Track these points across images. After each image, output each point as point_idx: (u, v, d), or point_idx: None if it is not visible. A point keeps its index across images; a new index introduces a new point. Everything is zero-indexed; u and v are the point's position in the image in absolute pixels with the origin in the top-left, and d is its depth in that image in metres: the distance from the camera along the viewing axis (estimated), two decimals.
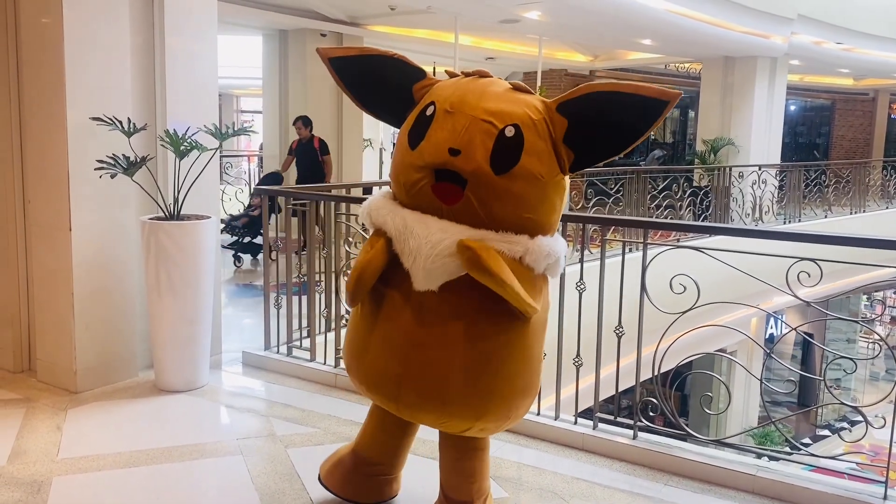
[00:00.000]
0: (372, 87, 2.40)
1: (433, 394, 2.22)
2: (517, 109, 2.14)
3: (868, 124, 22.00)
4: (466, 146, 2.09)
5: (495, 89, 2.20)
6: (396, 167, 2.28)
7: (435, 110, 2.17)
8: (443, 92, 2.24)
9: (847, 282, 9.89)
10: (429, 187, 2.14)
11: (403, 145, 2.24)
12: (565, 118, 2.15)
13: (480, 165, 2.08)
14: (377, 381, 2.32)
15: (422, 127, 2.19)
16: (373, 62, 2.39)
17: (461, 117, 2.13)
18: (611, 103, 2.12)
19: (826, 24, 12.11)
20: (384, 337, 2.28)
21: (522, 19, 9.60)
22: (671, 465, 3.19)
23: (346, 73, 2.41)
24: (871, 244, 3.09)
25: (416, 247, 2.14)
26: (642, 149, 20.06)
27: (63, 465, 3.14)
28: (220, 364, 4.48)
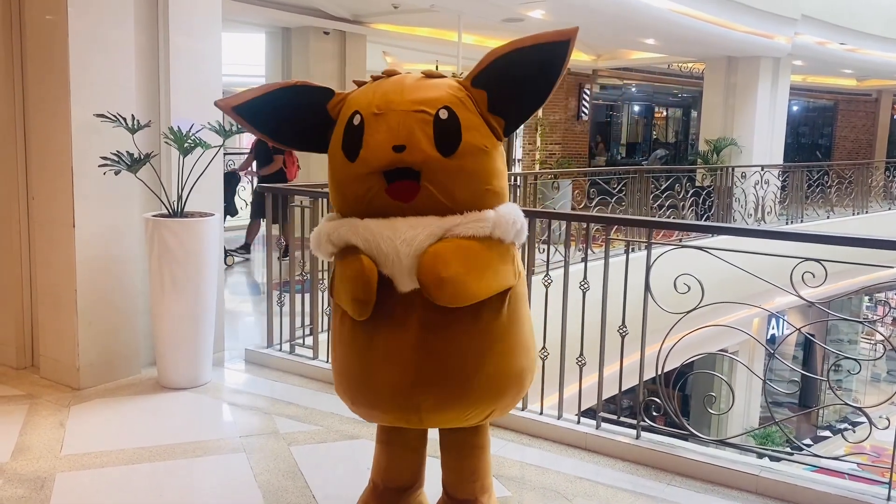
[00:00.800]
0: (286, 121, 2.31)
1: (454, 391, 2.20)
2: (441, 93, 2.17)
3: (871, 125, 21.98)
4: (408, 139, 2.09)
5: (411, 81, 2.22)
6: (339, 183, 2.21)
7: (362, 117, 2.15)
8: (362, 99, 2.20)
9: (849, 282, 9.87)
10: (382, 192, 2.12)
11: (340, 160, 2.18)
12: (483, 90, 2.20)
13: (428, 153, 2.09)
14: (392, 398, 2.21)
15: (354, 136, 2.15)
16: (277, 96, 2.30)
17: (392, 115, 2.12)
18: (517, 62, 2.17)
19: (830, 25, 12.10)
20: (386, 352, 2.19)
21: (526, 18, 9.60)
22: (674, 465, 3.19)
23: (256, 116, 2.29)
24: (874, 245, 3.09)
25: (392, 249, 2.11)
26: (645, 149, 20.08)
27: (66, 461, 3.14)
28: (223, 361, 4.48)
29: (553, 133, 16.00)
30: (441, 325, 2.17)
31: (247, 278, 7.82)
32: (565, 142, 16.38)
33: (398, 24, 10.84)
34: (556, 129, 16.10)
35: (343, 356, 2.32)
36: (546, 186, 9.35)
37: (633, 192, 9.01)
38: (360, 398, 2.30)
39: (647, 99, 20.40)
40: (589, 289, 3.49)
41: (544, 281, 3.56)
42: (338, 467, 3.22)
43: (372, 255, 2.13)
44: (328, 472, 3.16)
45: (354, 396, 2.32)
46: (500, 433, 3.52)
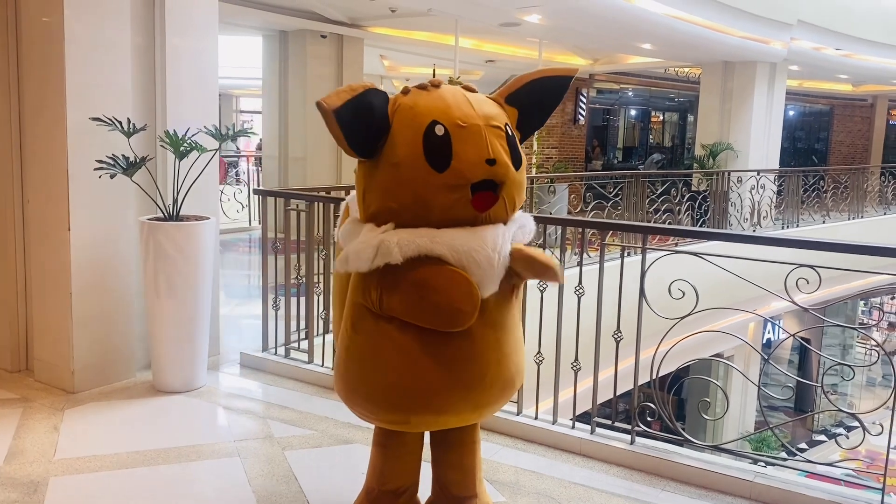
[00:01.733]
0: (362, 126, 2.21)
1: (508, 384, 2.38)
2: (499, 111, 2.31)
3: (866, 130, 22.06)
4: (497, 153, 2.18)
5: (473, 96, 2.30)
6: (420, 194, 2.16)
7: (446, 128, 2.16)
8: (434, 107, 2.19)
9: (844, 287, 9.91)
10: (467, 202, 2.18)
11: (424, 170, 2.14)
12: (514, 108, 2.36)
13: (510, 166, 2.22)
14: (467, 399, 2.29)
15: (439, 147, 2.15)
16: (361, 100, 2.17)
17: (475, 128, 2.18)
18: (543, 87, 2.40)
19: (825, 30, 12.14)
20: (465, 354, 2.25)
21: (523, 23, 9.61)
22: (669, 471, 3.19)
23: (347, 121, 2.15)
24: (869, 251, 3.09)
25: (486, 258, 2.18)
26: (641, 153, 20.12)
27: (60, 465, 3.14)
28: (218, 365, 4.47)
29: (550, 137, 16.03)
30: (503, 324, 2.34)
31: (242, 281, 7.81)
32: (562, 146, 16.41)
33: (395, 28, 10.84)
34: (553, 133, 16.13)
35: (405, 368, 2.25)
36: (543, 190, 9.37)
37: (629, 197, 9.02)
38: (426, 408, 2.29)
39: (643, 103, 20.46)
40: (584, 293, 3.49)
41: (540, 286, 3.56)
42: (332, 472, 3.22)
43: (459, 265, 2.18)
44: (323, 476, 3.15)
45: (415, 407, 2.29)
46: (494, 438, 3.52)
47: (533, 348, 3.57)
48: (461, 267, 2.18)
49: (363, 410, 2.37)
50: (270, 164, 10.71)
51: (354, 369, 2.33)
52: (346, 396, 2.40)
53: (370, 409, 2.34)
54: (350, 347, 2.33)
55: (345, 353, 2.35)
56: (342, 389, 2.40)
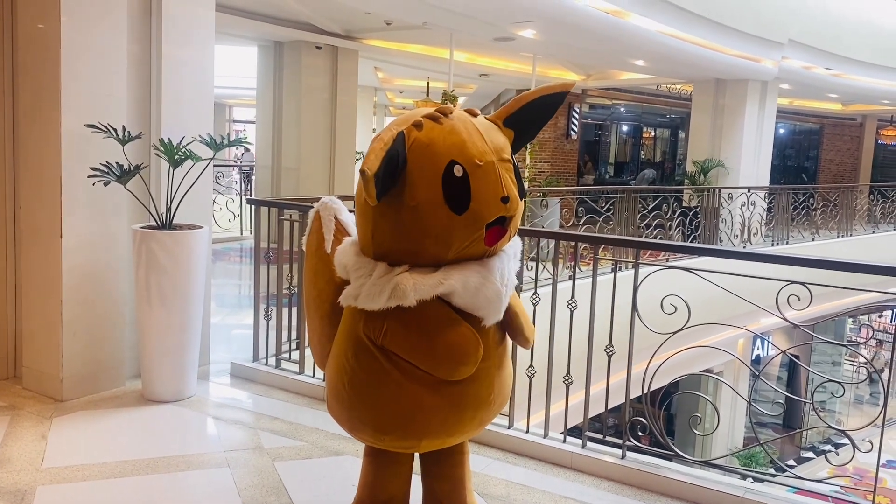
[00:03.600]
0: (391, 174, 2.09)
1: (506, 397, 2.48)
2: (504, 138, 2.27)
3: (855, 149, 22.25)
4: (509, 190, 2.17)
5: (481, 125, 2.23)
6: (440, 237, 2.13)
7: (464, 169, 2.12)
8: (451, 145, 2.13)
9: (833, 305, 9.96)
10: (481, 240, 2.19)
11: (444, 213, 2.10)
12: (511, 130, 2.33)
13: (519, 202, 2.22)
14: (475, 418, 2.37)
15: (459, 189, 2.11)
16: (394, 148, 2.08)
17: (490, 166, 2.16)
18: (537, 106, 2.37)
19: (816, 50, 12.27)
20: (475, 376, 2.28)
21: (517, 37, 9.67)
22: (659, 486, 3.20)
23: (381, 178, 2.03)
24: (858, 269, 3.12)
25: (495, 292, 2.24)
26: (633, 168, 20.21)
27: (47, 474, 3.11)
28: (208, 375, 4.45)
29: (542, 151, 16.10)
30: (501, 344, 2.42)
31: (233, 291, 7.78)
32: (554, 160, 16.47)
33: (390, 41, 10.89)
34: (545, 148, 16.19)
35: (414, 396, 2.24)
36: (535, 204, 9.40)
37: (620, 212, 9.06)
38: (443, 432, 2.33)
39: (635, 119, 20.57)
40: (577, 307, 3.50)
41: (532, 299, 3.57)
42: (322, 483, 3.20)
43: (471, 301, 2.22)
44: (312, 488, 3.14)
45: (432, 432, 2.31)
46: (485, 451, 3.52)
47: (525, 362, 3.57)
48: (473, 303, 2.23)
49: (370, 438, 2.36)
50: (263, 174, 10.70)
51: (358, 399, 2.29)
52: (349, 425, 2.37)
53: (378, 436, 2.33)
54: (353, 379, 2.28)
55: (347, 383, 2.30)
56: (345, 418, 2.36)
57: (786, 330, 12.57)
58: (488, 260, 2.25)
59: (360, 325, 2.26)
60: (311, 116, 10.22)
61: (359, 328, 2.26)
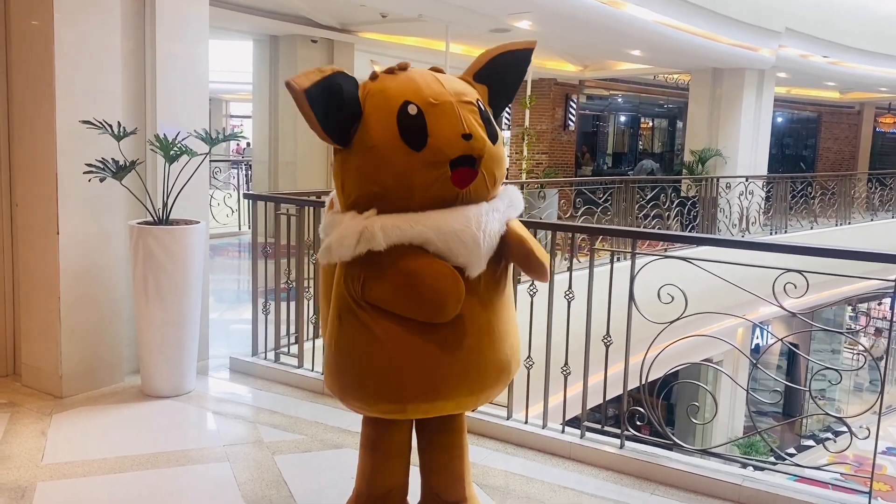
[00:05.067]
0: (333, 109, 2.21)
1: (504, 367, 2.36)
2: (469, 88, 2.32)
3: (853, 137, 22.23)
4: (472, 128, 2.19)
5: (442, 76, 2.32)
6: (400, 174, 2.15)
7: (418, 107, 2.17)
8: (406, 89, 2.21)
9: (832, 293, 9.98)
10: (447, 180, 2.17)
11: (401, 151, 2.15)
12: (484, 85, 2.37)
13: (486, 140, 2.22)
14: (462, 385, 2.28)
15: (414, 126, 2.15)
16: (331, 82, 2.18)
17: (448, 105, 2.19)
18: (506, 62, 2.41)
19: (813, 38, 12.25)
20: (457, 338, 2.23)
21: (513, 29, 9.64)
22: (658, 475, 3.21)
23: (318, 102, 2.15)
24: (857, 256, 3.12)
25: (471, 238, 2.18)
26: (631, 159, 20.20)
27: (47, 470, 3.11)
28: (207, 370, 4.46)
29: (540, 142, 16.07)
30: (494, 305, 2.32)
31: (231, 286, 7.78)
32: (552, 151, 16.46)
33: (386, 33, 10.86)
34: (542, 139, 16.17)
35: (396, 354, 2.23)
36: (532, 196, 9.39)
37: (618, 202, 9.06)
38: (423, 393, 2.26)
39: (633, 109, 20.55)
40: (574, 298, 3.50)
41: (530, 290, 3.57)
42: (322, 476, 3.21)
43: (445, 247, 2.17)
44: (312, 481, 3.14)
45: (413, 393, 2.26)
46: (484, 442, 3.52)
47: (523, 353, 3.57)
48: (448, 249, 2.17)
49: (357, 402, 2.34)
50: (260, 168, 10.69)
51: (344, 361, 2.30)
52: (338, 390, 2.36)
53: (365, 399, 2.31)
54: (339, 340, 2.30)
55: (334, 347, 2.32)
56: (334, 384, 2.36)
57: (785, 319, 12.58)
58: (465, 206, 2.21)
59: (343, 281, 2.28)
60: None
61: (341, 286, 2.28)
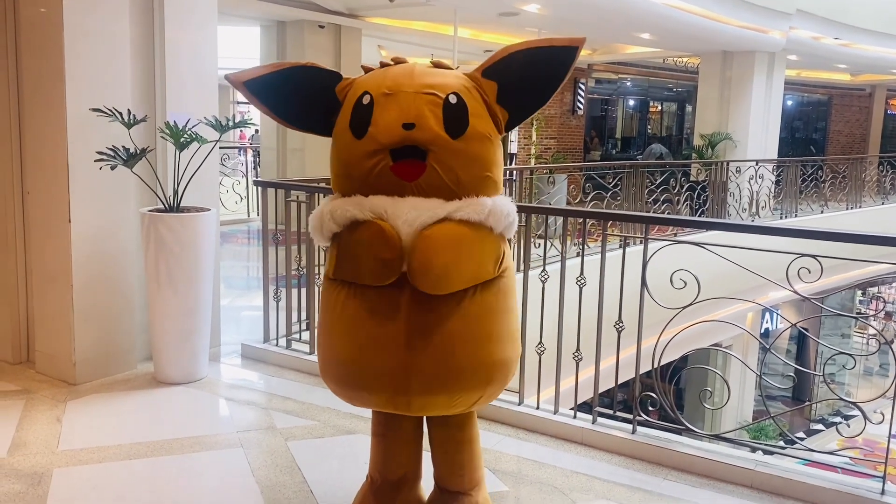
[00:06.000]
0: (293, 100, 2.37)
1: (444, 374, 2.21)
2: (451, 80, 2.26)
3: (864, 120, 22.05)
4: (418, 118, 2.15)
5: (421, 68, 2.30)
6: (344, 161, 2.26)
7: (372, 97, 2.21)
8: (371, 81, 2.27)
9: (842, 277, 9.94)
10: (387, 169, 2.17)
11: (348, 138, 2.23)
12: (494, 81, 2.28)
13: (437, 132, 2.16)
14: (384, 379, 2.22)
15: (363, 115, 2.20)
16: (287, 75, 2.36)
17: (403, 96, 2.18)
18: (531, 59, 2.28)
19: (824, 20, 12.13)
20: (379, 333, 2.21)
21: (521, 12, 9.58)
22: (670, 460, 3.21)
23: (264, 93, 2.35)
24: (868, 240, 3.10)
25: (395, 228, 2.15)
26: (640, 143, 20.10)
27: (63, 456, 3.14)
28: (219, 356, 4.48)
29: (549, 127, 16.01)
30: (432, 308, 2.20)
31: (241, 273, 7.81)
32: (561, 136, 16.40)
33: (393, 18, 10.80)
34: (551, 124, 16.10)
35: (332, 338, 2.32)
36: (542, 181, 9.37)
37: (628, 187, 9.02)
38: (349, 380, 2.29)
39: (642, 93, 20.42)
40: (586, 284, 3.50)
41: (541, 276, 3.57)
42: (335, 462, 3.23)
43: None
44: (325, 466, 3.16)
45: (342, 378, 2.31)
46: (496, 427, 3.53)
47: (535, 338, 3.58)
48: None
49: (327, 383, 2.40)
50: (269, 155, 10.68)
51: (319, 343, 2.40)
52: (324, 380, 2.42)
53: (327, 382, 2.39)
54: (319, 325, 2.41)
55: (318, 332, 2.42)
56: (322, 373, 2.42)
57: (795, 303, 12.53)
58: (411, 197, 2.17)
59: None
60: None
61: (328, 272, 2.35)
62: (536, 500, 2.91)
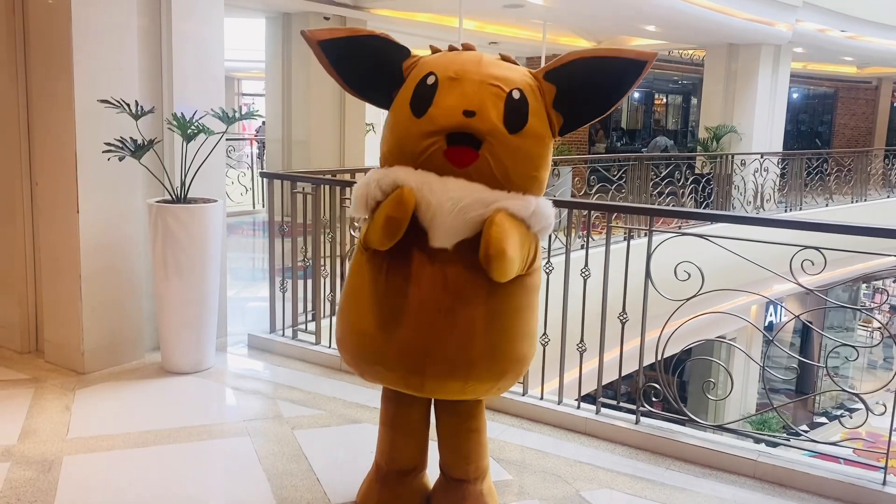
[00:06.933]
0: (360, 67, 2.39)
1: (461, 359, 2.22)
2: (516, 76, 2.27)
3: (870, 112, 21.95)
4: (480, 107, 2.17)
5: (489, 58, 2.31)
6: (400, 137, 2.26)
7: (437, 79, 2.22)
8: (438, 62, 2.29)
9: (847, 270, 9.94)
10: (441, 152, 2.17)
11: (406, 115, 2.24)
12: (554, 85, 2.28)
13: (496, 125, 2.17)
14: (401, 356, 2.23)
15: (426, 95, 2.22)
16: (360, 42, 2.38)
17: (468, 83, 2.20)
18: (594, 68, 2.27)
19: (831, 12, 12.07)
20: (406, 307, 2.21)
21: (527, 4, 9.56)
22: (673, 450, 3.24)
23: (334, 55, 2.37)
24: (873, 233, 3.11)
25: (438, 202, 2.15)
26: (645, 136, 20.06)
27: (73, 444, 3.18)
28: (226, 346, 4.51)
29: None
30: (458, 294, 2.21)
31: (247, 264, 7.84)
32: None
33: (399, 10, 10.79)
34: None
35: (356, 308, 2.32)
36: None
37: (632, 180, 9.02)
38: (365, 353, 2.30)
39: (647, 85, 20.35)
40: (590, 276, 3.52)
41: (546, 268, 3.58)
42: (341, 451, 3.26)
43: (416, 202, 2.15)
44: (332, 455, 3.20)
45: (358, 350, 2.32)
46: (500, 418, 3.56)
47: (539, 329, 3.60)
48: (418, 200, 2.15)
49: (342, 355, 2.42)
50: (274, 147, 10.70)
51: (339, 313, 2.42)
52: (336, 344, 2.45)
53: (342, 353, 2.41)
54: (343, 291, 2.43)
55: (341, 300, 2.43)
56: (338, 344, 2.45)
57: (799, 296, 12.53)
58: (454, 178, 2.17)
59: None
60: (320, 88, 10.15)
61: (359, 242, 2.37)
62: (540, 489, 2.94)
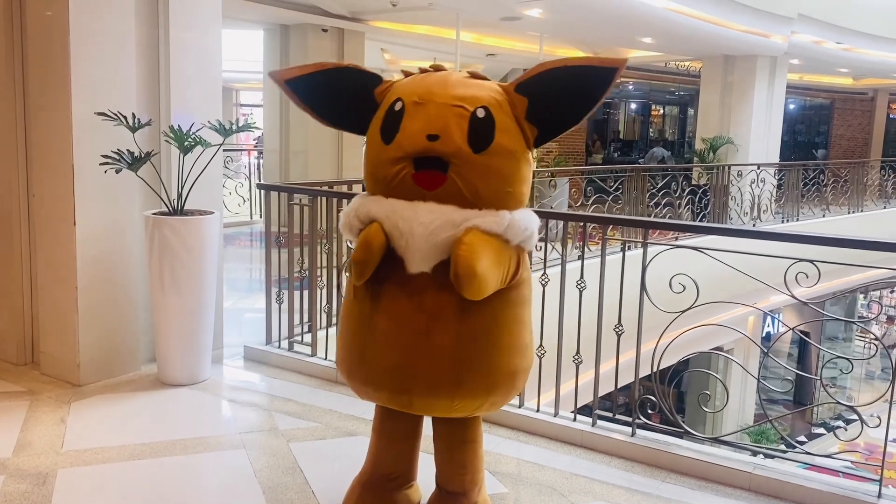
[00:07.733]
0: (332, 100, 2.47)
1: (446, 378, 2.25)
2: (482, 93, 2.28)
3: (867, 124, 22.06)
4: (443, 130, 2.20)
5: (456, 78, 2.34)
6: (372, 164, 2.34)
7: (403, 104, 2.27)
8: (406, 87, 2.33)
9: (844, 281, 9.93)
10: (409, 177, 2.23)
11: (376, 142, 2.32)
12: (525, 97, 2.29)
13: (460, 146, 2.20)
14: (386, 377, 2.29)
15: (393, 121, 2.27)
16: (329, 76, 2.47)
17: (432, 106, 2.24)
18: (564, 78, 2.27)
19: (826, 24, 12.15)
20: (387, 330, 2.28)
21: (524, 16, 9.62)
22: (669, 462, 3.23)
23: (304, 91, 2.46)
24: (869, 246, 3.12)
25: (408, 229, 2.21)
26: (642, 147, 20.12)
27: (68, 457, 3.17)
28: (222, 358, 4.50)
29: None
30: (443, 315, 2.24)
31: (244, 275, 7.84)
32: (562, 139, 16.40)
33: (396, 22, 10.84)
34: None
35: (347, 331, 2.43)
36: (543, 185, 9.39)
37: (629, 191, 9.05)
38: (356, 373, 2.39)
39: (643, 97, 20.45)
40: (586, 287, 3.52)
41: (542, 279, 3.59)
42: (337, 464, 3.25)
43: (389, 231, 2.24)
44: (327, 468, 3.19)
45: (351, 370, 2.41)
46: (496, 430, 3.56)
47: (535, 341, 3.60)
48: (388, 232, 2.24)
49: (340, 373, 2.50)
50: (271, 158, 10.72)
51: (338, 333, 2.56)
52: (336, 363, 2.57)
53: (340, 371, 2.50)
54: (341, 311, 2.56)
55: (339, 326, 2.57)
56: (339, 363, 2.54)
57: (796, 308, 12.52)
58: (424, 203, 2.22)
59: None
60: None
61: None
62: (536, 502, 2.93)
